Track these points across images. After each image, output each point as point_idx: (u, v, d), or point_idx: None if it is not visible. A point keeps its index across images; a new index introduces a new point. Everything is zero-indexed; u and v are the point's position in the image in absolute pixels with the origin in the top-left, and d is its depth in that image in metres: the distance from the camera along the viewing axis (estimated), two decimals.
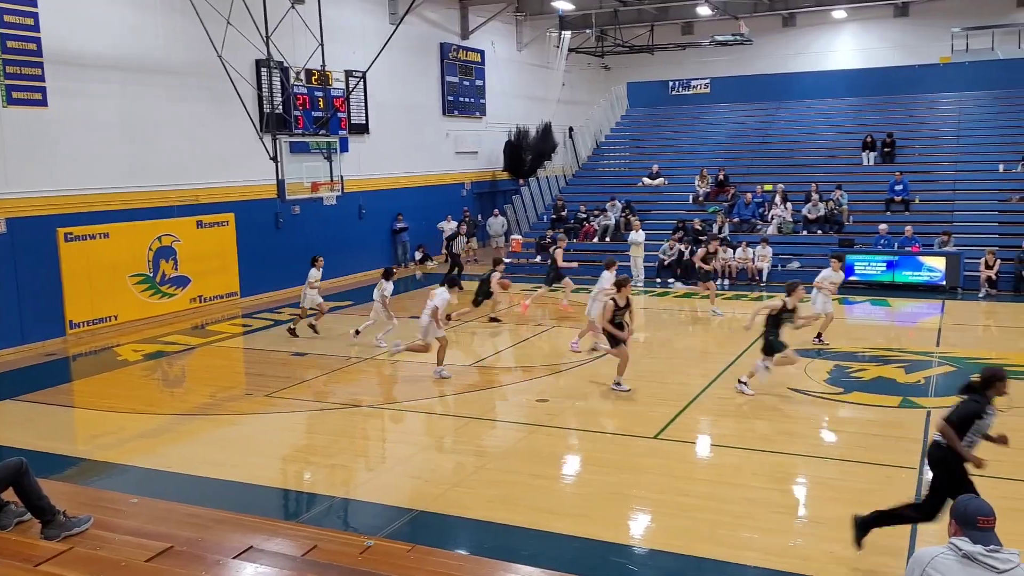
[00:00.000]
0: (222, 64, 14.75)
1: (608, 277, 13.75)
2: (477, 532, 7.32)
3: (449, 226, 25.39)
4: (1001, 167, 22.10)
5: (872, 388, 10.69)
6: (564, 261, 17.02)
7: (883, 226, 19.97)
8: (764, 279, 19.82)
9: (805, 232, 21.39)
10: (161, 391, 12.68)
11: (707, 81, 29.83)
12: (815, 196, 21.76)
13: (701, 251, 17.41)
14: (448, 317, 13.89)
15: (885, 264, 18.90)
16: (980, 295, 17.72)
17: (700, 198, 23.87)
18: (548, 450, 9.34)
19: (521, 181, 28.62)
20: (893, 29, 30.03)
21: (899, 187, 21.65)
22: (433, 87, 25.78)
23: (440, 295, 12.13)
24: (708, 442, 9.58)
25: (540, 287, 17.32)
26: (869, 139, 24.22)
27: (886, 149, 23.90)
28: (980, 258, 18.14)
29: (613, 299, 11.03)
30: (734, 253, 20.26)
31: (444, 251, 22.59)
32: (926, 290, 18.27)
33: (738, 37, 26.86)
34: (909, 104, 26.47)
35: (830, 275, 13.73)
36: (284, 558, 5.20)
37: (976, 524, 3.83)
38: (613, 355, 11.33)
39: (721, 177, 24.09)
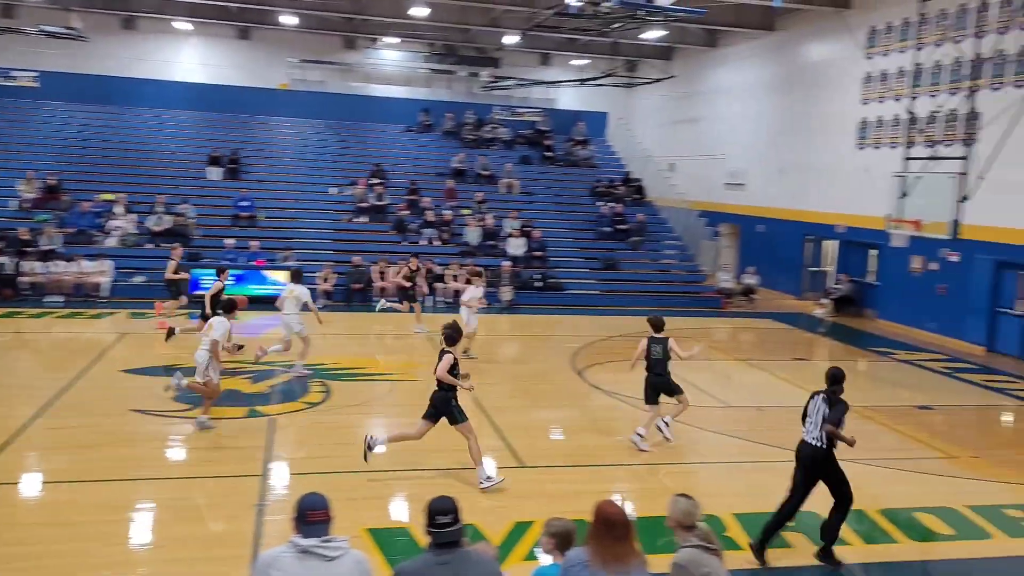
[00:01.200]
0: None
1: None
2: None
3: None
4: (333, 190, 24.51)
5: (219, 402, 10.53)
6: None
7: (230, 240, 20.30)
8: (105, 294, 18.38)
9: (151, 245, 20.49)
10: None
11: (35, 74, 26.60)
12: (160, 208, 21.07)
13: (403, 270, 16.45)
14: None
15: (233, 278, 19.19)
16: (319, 306, 19.24)
17: (26, 204, 21.04)
18: None
19: None
20: (237, 50, 30.95)
21: (245, 203, 22.34)
22: None
23: (218, 325, 10.09)
24: (38, 480, 8.31)
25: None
26: (215, 154, 24.52)
27: (232, 165, 24.49)
28: (318, 272, 19.71)
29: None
30: (67, 266, 18.37)
31: None
32: (271, 302, 19.08)
33: (71, 31, 24.51)
34: (253, 124, 27.69)
35: (476, 293, 14.37)
36: None
37: (307, 519, 3.97)
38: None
39: (52, 182, 21.64)
